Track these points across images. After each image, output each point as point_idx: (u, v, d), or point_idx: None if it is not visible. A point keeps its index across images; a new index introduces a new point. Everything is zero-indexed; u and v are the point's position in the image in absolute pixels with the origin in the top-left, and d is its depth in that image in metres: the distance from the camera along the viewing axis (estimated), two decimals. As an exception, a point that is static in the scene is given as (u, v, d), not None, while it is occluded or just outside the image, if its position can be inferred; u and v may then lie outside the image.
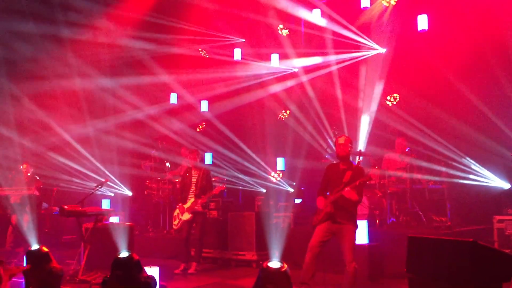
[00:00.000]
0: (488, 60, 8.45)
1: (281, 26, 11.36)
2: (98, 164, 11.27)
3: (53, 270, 4.31)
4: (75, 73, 11.23)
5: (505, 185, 8.30)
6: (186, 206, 8.01)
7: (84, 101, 11.51)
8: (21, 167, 9.60)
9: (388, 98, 10.08)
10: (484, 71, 8.53)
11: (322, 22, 10.31)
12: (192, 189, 8.03)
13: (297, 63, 11.31)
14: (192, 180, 8.09)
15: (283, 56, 11.33)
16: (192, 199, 7.98)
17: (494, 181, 8.50)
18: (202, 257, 8.70)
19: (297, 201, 9.82)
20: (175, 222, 8.14)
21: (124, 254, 4.03)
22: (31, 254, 4.49)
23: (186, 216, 7.94)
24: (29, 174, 9.54)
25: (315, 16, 10.12)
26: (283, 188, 10.57)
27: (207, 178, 8.13)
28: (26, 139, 10.98)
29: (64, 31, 10.65)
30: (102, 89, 11.65)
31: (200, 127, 12.62)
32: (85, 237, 7.43)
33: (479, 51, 8.56)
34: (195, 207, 7.93)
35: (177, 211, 8.15)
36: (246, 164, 11.10)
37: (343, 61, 10.60)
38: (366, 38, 10.37)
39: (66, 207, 7.32)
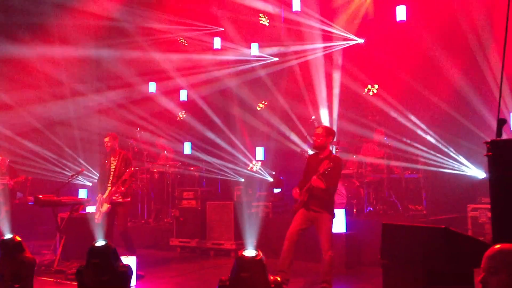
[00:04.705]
0: (466, 49, 8.55)
1: (261, 15, 11.27)
2: (74, 154, 11.11)
3: (26, 260, 4.27)
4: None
5: (480, 174, 8.43)
6: (104, 196, 7.18)
7: (60, 88, 11.29)
8: None
9: (367, 88, 10.12)
10: (462, 60, 8.62)
11: (301, 12, 10.25)
12: (110, 178, 7.22)
13: (277, 52, 11.27)
14: (111, 167, 7.28)
15: (263, 45, 11.27)
16: (110, 188, 7.20)
17: (470, 169, 8.63)
18: (181, 246, 8.66)
19: (276, 190, 9.84)
20: (96, 216, 7.18)
21: (100, 242, 4.00)
22: (3, 244, 4.44)
23: (105, 207, 7.09)
24: (6, 163, 9.40)
25: (295, 5, 10.05)
26: (262, 177, 10.58)
27: (125, 163, 7.25)
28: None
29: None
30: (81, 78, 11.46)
31: (180, 116, 12.48)
32: (60, 227, 7.34)
33: (457, 40, 8.65)
34: (113, 197, 7.14)
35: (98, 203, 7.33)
36: (225, 153, 11.06)
37: (323, 50, 10.58)
38: (344, 29, 10.38)
39: (41, 196, 7.22)
